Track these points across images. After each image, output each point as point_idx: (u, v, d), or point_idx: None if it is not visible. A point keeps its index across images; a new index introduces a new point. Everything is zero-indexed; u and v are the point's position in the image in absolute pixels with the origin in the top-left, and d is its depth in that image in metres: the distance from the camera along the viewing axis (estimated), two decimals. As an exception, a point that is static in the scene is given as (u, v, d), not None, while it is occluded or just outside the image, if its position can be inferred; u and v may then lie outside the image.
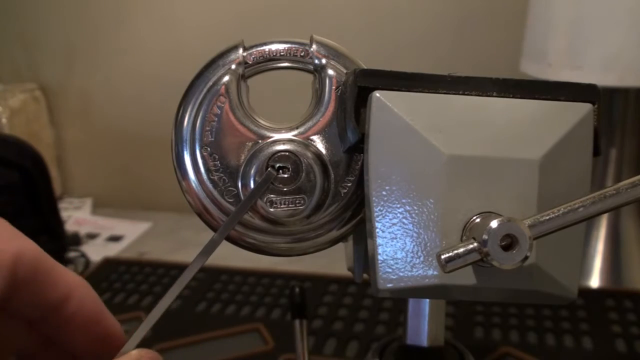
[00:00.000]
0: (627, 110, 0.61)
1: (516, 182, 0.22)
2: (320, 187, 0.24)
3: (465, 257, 0.19)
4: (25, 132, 0.86)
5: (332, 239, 0.25)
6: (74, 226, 0.84)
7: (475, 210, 0.21)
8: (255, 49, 0.25)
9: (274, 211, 0.24)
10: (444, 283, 0.21)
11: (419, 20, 0.78)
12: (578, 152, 0.22)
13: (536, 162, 0.22)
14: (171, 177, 0.25)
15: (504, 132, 0.22)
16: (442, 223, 0.21)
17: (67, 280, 0.21)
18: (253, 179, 0.24)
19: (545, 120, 0.22)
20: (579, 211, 0.20)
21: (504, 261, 0.19)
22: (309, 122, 0.24)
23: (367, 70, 0.23)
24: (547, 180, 0.22)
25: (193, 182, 0.24)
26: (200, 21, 0.85)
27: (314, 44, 0.25)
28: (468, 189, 0.21)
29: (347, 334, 0.53)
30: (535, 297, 0.22)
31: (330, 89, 0.24)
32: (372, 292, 0.22)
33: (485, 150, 0.22)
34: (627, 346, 0.50)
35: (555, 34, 0.55)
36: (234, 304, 0.59)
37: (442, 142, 0.22)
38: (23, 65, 0.94)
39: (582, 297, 0.57)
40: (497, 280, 0.22)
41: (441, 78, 0.23)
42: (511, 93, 0.23)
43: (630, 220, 0.63)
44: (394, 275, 0.22)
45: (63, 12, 0.90)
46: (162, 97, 0.87)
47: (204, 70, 0.24)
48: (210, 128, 0.24)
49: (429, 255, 0.22)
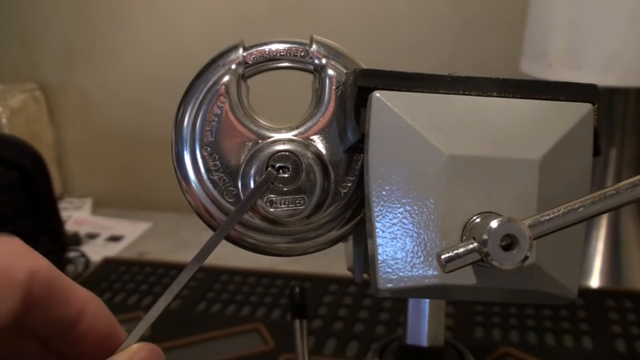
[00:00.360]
0: (627, 110, 0.61)
1: (516, 182, 0.22)
2: (320, 187, 0.24)
3: (465, 257, 0.19)
4: (25, 132, 0.86)
5: (332, 239, 0.25)
6: (74, 226, 0.84)
7: (476, 210, 0.21)
8: (255, 48, 0.25)
9: (274, 211, 0.24)
10: (444, 283, 0.21)
11: (419, 21, 0.78)
12: (578, 152, 0.22)
13: (536, 162, 0.22)
14: (171, 177, 0.25)
15: (504, 132, 0.22)
16: (442, 223, 0.21)
17: (79, 296, 0.21)
18: (253, 178, 0.24)
19: (545, 120, 0.22)
20: (579, 211, 0.20)
21: (504, 261, 0.19)
22: (309, 122, 0.24)
23: (367, 70, 0.23)
24: (547, 180, 0.22)
25: (193, 182, 0.24)
26: (200, 20, 0.85)
27: (314, 44, 0.25)
28: (468, 189, 0.21)
29: (347, 334, 0.53)
30: (535, 297, 0.22)
31: (330, 89, 0.24)
32: (372, 292, 0.22)
33: (486, 150, 0.22)
34: (627, 346, 0.50)
35: (555, 34, 0.55)
36: (234, 304, 0.59)
37: (442, 142, 0.22)
38: (23, 65, 0.94)
39: (582, 297, 0.57)
40: (497, 280, 0.22)
41: (441, 78, 0.23)
42: (511, 93, 0.23)
43: (630, 220, 0.63)
44: (394, 275, 0.22)
45: (63, 12, 0.90)
46: (162, 96, 0.87)
47: (204, 70, 0.24)
48: (210, 128, 0.24)
49: (429, 255, 0.22)
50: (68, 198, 0.96)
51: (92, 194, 0.96)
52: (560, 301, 0.23)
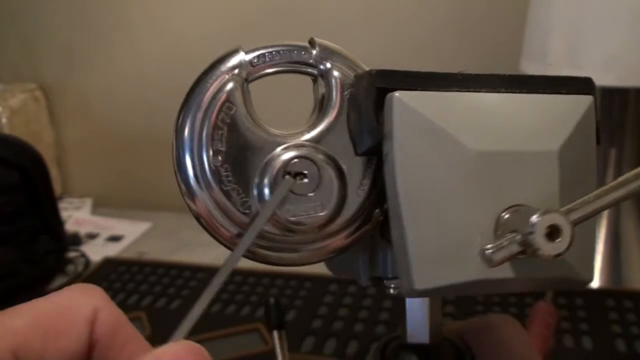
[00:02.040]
0: (627, 110, 0.61)
1: (539, 173, 0.22)
2: (338, 191, 0.23)
3: (510, 250, 0.20)
4: (25, 132, 0.86)
5: (338, 247, 0.25)
6: (74, 226, 0.84)
7: (505, 204, 0.22)
8: (256, 52, 0.24)
9: (295, 219, 0.23)
10: (481, 278, 0.22)
11: (419, 21, 0.78)
12: (586, 142, 0.23)
13: (556, 153, 0.22)
14: (171, 177, 0.24)
15: (521, 126, 0.23)
16: (475, 219, 0.22)
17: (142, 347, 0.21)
18: (269, 187, 0.23)
19: (555, 113, 0.23)
20: (608, 197, 0.21)
21: (550, 251, 0.19)
22: (319, 126, 0.24)
23: (383, 71, 0.22)
24: (565, 170, 0.23)
25: (203, 195, 0.23)
26: (200, 21, 0.85)
27: (316, 47, 0.24)
28: (496, 184, 0.22)
29: (347, 334, 0.53)
30: (558, 284, 0.23)
31: (338, 92, 0.24)
32: (405, 294, 0.22)
33: (509, 145, 0.22)
34: (627, 346, 0.50)
35: (555, 34, 0.55)
36: (234, 304, 0.59)
37: (468, 138, 0.22)
38: (23, 65, 0.94)
39: (582, 297, 0.57)
40: (529, 270, 0.22)
41: (453, 76, 0.23)
42: (517, 88, 0.23)
43: (630, 220, 0.63)
44: (431, 275, 0.22)
45: (63, 13, 0.90)
46: (162, 96, 0.87)
47: (204, 76, 0.23)
48: (219, 137, 0.23)
49: (464, 252, 0.22)
50: (68, 198, 0.96)
51: (92, 194, 0.96)
52: (578, 286, 0.23)
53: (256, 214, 0.23)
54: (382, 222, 0.25)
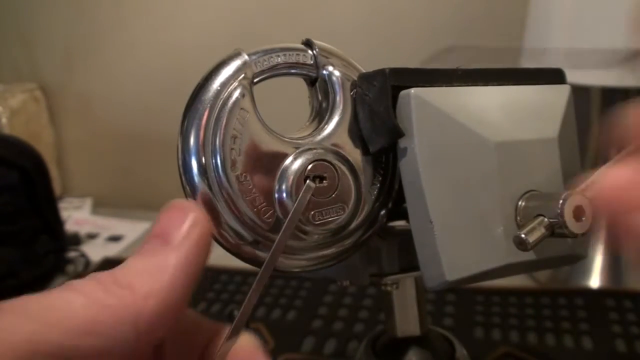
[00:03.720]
0: (627, 110, 0.61)
1: (546, 159, 0.24)
2: (356, 191, 0.23)
3: (541, 232, 0.21)
4: (25, 132, 0.86)
5: (351, 247, 0.25)
6: (74, 226, 0.84)
7: (521, 190, 0.23)
8: (257, 55, 0.23)
9: (319, 223, 0.23)
10: (508, 263, 0.23)
11: (419, 22, 0.78)
12: (571, 128, 0.25)
13: (556, 139, 0.24)
14: (171, 177, 0.24)
15: (523, 116, 0.24)
16: (498, 208, 0.23)
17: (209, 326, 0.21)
18: (288, 193, 0.22)
19: (546, 102, 0.25)
20: None
21: (578, 229, 0.21)
22: (327, 128, 0.24)
23: (397, 69, 0.23)
24: (563, 155, 0.24)
25: (213, 200, 0.22)
26: (201, 20, 0.85)
27: (315, 48, 0.24)
28: (513, 172, 0.23)
29: (347, 334, 0.53)
30: (559, 262, 0.25)
31: (343, 93, 0.24)
32: (434, 287, 0.22)
33: (520, 134, 0.23)
34: (627, 346, 0.50)
35: (555, 34, 0.55)
36: (234, 304, 0.59)
37: (486, 131, 0.23)
38: (23, 65, 0.94)
39: (582, 297, 0.57)
40: (546, 250, 0.23)
41: (454, 72, 0.24)
42: (506, 81, 0.25)
43: (630, 220, 0.63)
44: (460, 266, 0.22)
45: (63, 12, 0.90)
46: (162, 96, 0.87)
47: (207, 81, 0.22)
48: (234, 146, 0.22)
49: (491, 239, 0.23)
50: (68, 198, 0.96)
51: (92, 194, 0.96)
52: (575, 260, 0.25)
53: (276, 220, 0.22)
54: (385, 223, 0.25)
